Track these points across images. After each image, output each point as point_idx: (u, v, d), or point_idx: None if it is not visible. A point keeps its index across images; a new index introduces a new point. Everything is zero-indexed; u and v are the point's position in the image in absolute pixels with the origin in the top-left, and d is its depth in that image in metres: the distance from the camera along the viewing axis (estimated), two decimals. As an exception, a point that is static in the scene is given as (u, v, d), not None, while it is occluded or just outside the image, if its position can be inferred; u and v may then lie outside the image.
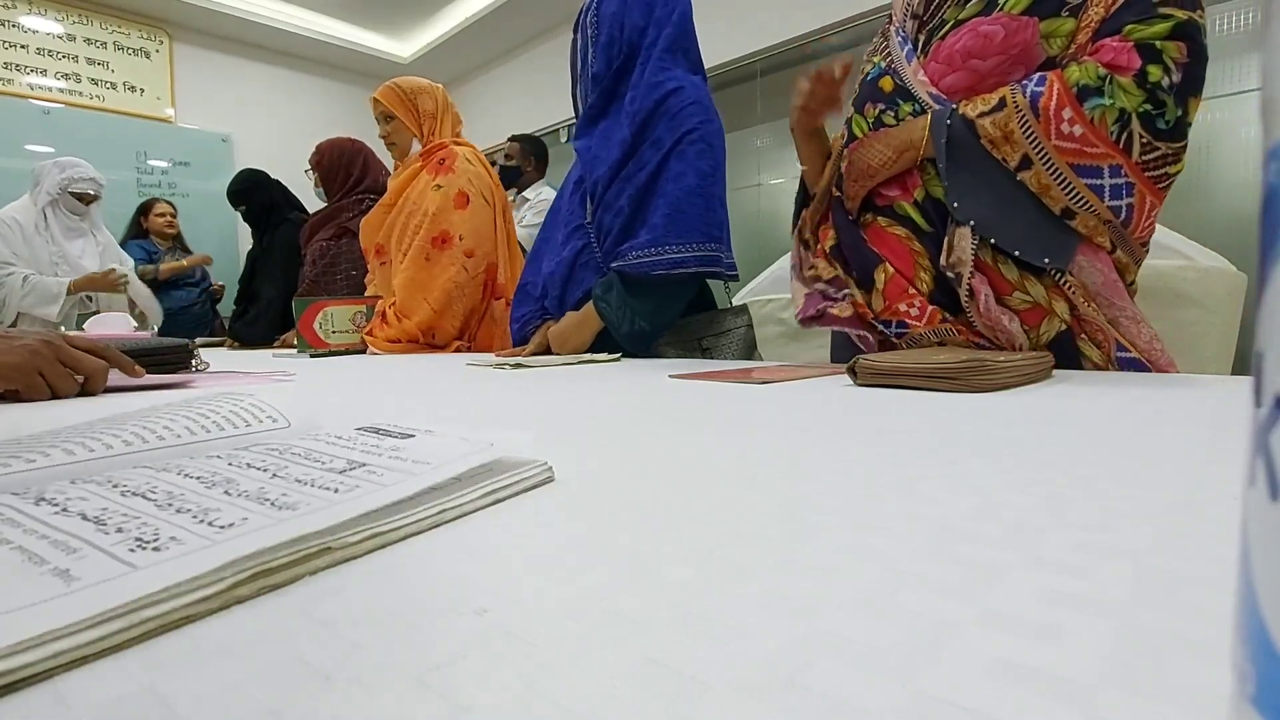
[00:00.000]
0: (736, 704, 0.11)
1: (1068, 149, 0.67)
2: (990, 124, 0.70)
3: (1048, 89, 0.68)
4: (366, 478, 0.22)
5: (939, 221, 0.77)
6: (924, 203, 0.78)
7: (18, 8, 3.65)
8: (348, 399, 0.58)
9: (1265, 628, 0.07)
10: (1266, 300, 0.07)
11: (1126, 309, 0.71)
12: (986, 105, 0.71)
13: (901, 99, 0.80)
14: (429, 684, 0.12)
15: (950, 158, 0.73)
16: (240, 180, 2.56)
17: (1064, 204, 0.68)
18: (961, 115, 0.72)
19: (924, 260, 0.79)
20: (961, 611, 0.15)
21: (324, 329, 1.49)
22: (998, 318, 0.73)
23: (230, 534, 0.17)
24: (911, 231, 0.80)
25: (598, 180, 1.09)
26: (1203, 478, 0.26)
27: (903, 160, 0.77)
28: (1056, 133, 0.67)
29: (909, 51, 0.81)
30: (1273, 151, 0.07)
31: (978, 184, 0.72)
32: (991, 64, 0.73)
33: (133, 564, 0.15)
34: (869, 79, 0.85)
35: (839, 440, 0.34)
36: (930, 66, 0.78)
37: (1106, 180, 0.67)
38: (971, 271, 0.73)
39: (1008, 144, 0.70)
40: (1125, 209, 0.68)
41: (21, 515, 0.19)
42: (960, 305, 0.76)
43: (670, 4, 1.09)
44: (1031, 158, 0.69)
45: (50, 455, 0.24)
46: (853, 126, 0.86)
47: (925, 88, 0.78)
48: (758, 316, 1.45)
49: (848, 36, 2.98)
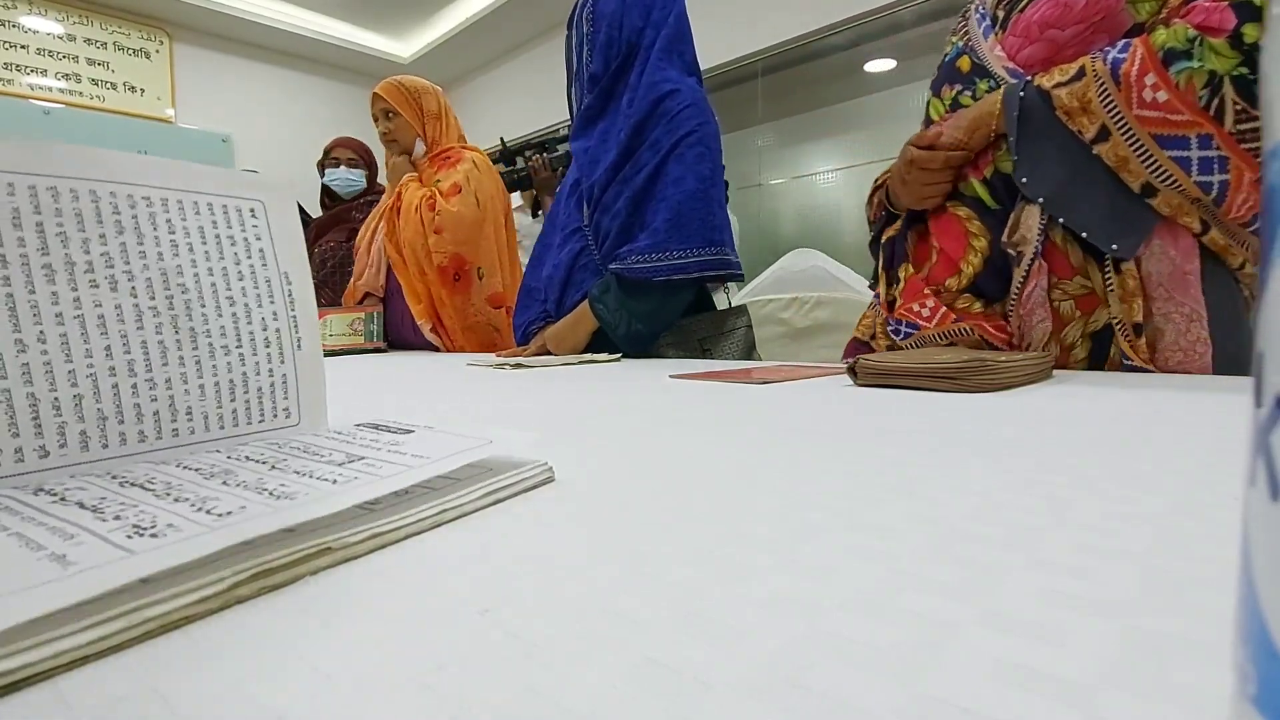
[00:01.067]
0: (737, 704, 0.11)
1: (1150, 118, 0.62)
2: (1066, 94, 0.65)
3: (1130, 54, 0.63)
4: (365, 470, 0.22)
5: (1007, 199, 0.73)
6: (992, 179, 0.74)
7: (18, 8, 3.66)
8: (348, 397, 0.58)
9: (1266, 628, 0.07)
10: (1267, 300, 0.07)
11: (1185, 305, 0.65)
12: (1064, 75, 0.66)
13: (979, 77, 0.76)
14: (430, 684, 0.12)
15: (1021, 131, 0.68)
16: None
17: (1144, 179, 0.63)
18: (1036, 86, 0.68)
19: (979, 241, 0.74)
20: (962, 612, 0.15)
21: (322, 334, 1.50)
22: (1034, 309, 0.70)
23: (228, 521, 0.17)
24: (974, 210, 0.75)
25: (595, 183, 1.09)
26: (1203, 478, 0.25)
27: (976, 139, 0.73)
28: (1138, 100, 0.62)
29: (986, 28, 0.77)
30: (1274, 151, 0.07)
31: (1049, 159, 0.67)
32: (1070, 33, 0.68)
33: (130, 549, 0.15)
34: (947, 60, 0.81)
35: (839, 440, 0.34)
36: (1007, 41, 0.74)
37: (1194, 152, 0.61)
38: (1037, 252, 0.68)
39: (1084, 114, 0.64)
40: (1217, 186, 0.61)
41: (19, 504, 0.19)
42: (1002, 292, 0.73)
43: (667, 5, 1.09)
44: (1110, 128, 0.63)
45: (66, 446, 0.24)
46: (930, 110, 0.82)
47: (1001, 63, 0.74)
48: (758, 317, 1.45)
49: (848, 36, 2.98)
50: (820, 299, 1.56)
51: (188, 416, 0.28)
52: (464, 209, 1.50)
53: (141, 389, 0.28)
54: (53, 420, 0.24)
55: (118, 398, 0.26)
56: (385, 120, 1.60)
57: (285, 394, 0.32)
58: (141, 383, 0.27)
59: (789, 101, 3.19)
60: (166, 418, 0.28)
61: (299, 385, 0.32)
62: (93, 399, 0.25)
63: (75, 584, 0.14)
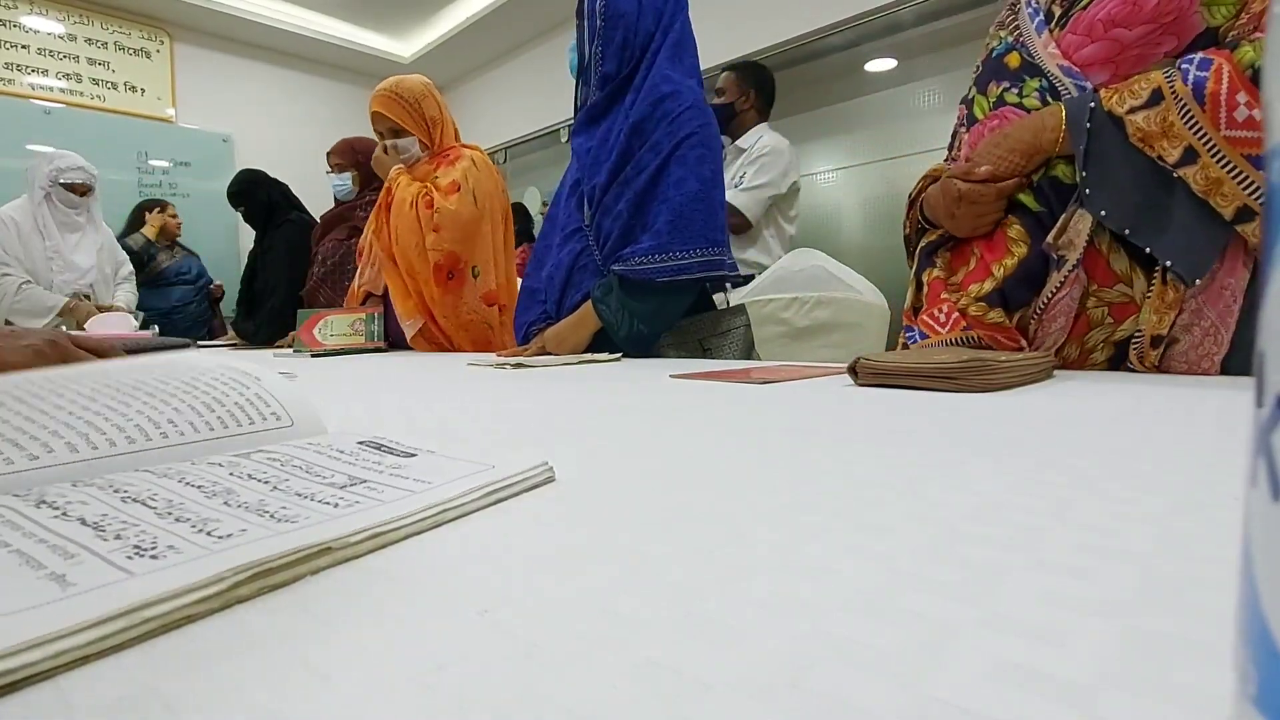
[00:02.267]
0: (738, 705, 0.11)
1: (1241, 139, 0.58)
2: (1143, 119, 0.61)
3: (1214, 73, 0.58)
4: (366, 494, 0.22)
5: (1056, 202, 0.70)
6: (1040, 183, 0.71)
7: (19, 8, 3.66)
8: (348, 398, 0.58)
9: (1267, 628, 0.07)
10: (1269, 300, 0.07)
11: (1210, 317, 0.64)
12: (1137, 99, 0.62)
13: (1028, 75, 0.72)
14: (430, 684, 0.12)
15: (1090, 160, 0.65)
16: (239, 181, 2.55)
17: (1240, 202, 0.59)
18: (1107, 111, 0.64)
19: (1019, 246, 0.71)
20: (963, 613, 0.15)
21: (323, 334, 1.50)
22: (1056, 316, 0.68)
23: (228, 544, 0.17)
24: (1016, 215, 0.72)
25: (596, 185, 1.09)
26: (1204, 478, 0.25)
27: (1031, 164, 0.70)
28: (1228, 121, 0.58)
29: (1040, 24, 0.73)
30: (1275, 151, 0.07)
31: (1125, 188, 0.64)
32: (1137, 33, 0.64)
33: (130, 571, 0.15)
34: (995, 55, 0.77)
35: (840, 440, 0.34)
36: (1066, 39, 0.70)
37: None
38: (1078, 261, 0.66)
39: (1165, 138, 0.61)
40: None
41: (21, 518, 0.19)
42: (1029, 297, 0.71)
43: (674, 9, 1.09)
44: (1197, 149, 0.59)
45: (54, 450, 0.24)
46: (974, 107, 0.79)
47: (1055, 60, 0.70)
48: (758, 316, 1.45)
49: (848, 36, 2.98)
50: (820, 299, 1.56)
51: (173, 425, 0.28)
52: (462, 207, 1.49)
53: (131, 405, 0.28)
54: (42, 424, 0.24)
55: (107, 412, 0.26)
56: (390, 137, 1.56)
57: (267, 404, 0.32)
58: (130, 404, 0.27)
59: (789, 101, 3.19)
60: (158, 420, 0.28)
61: (278, 397, 0.33)
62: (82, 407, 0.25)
63: (74, 605, 0.14)
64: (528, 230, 3.45)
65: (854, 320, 1.55)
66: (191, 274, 3.29)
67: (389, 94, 1.54)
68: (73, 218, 2.47)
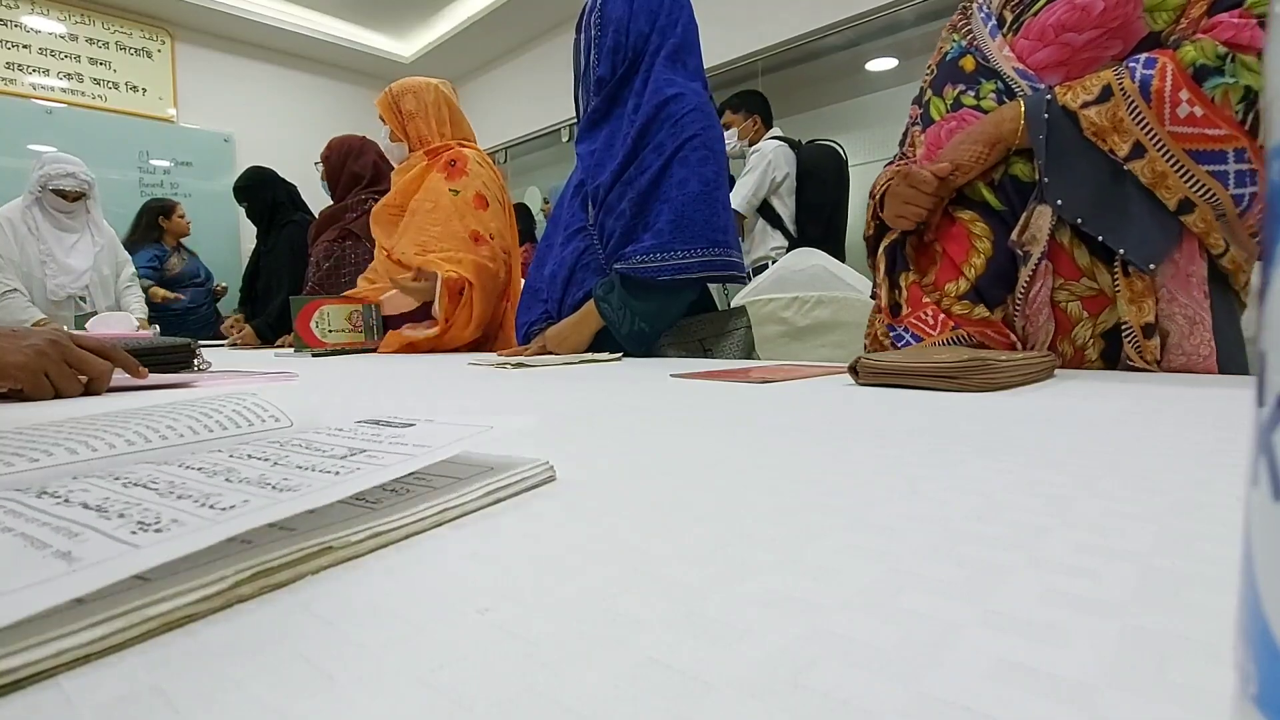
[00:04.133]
0: (739, 704, 0.11)
1: (1185, 134, 0.62)
2: (1096, 113, 0.65)
3: (1159, 71, 0.62)
4: (367, 461, 0.22)
5: (1016, 200, 0.73)
6: (1001, 182, 0.74)
7: (20, 8, 3.66)
8: (349, 398, 0.58)
9: (1268, 628, 0.07)
10: (1270, 300, 0.07)
11: (1189, 307, 0.66)
12: (1089, 94, 0.65)
13: (984, 77, 0.76)
14: (431, 683, 0.12)
15: (1049, 152, 0.68)
16: (245, 177, 2.55)
17: (1182, 194, 0.63)
18: (1061, 106, 0.67)
19: (983, 242, 0.74)
20: (964, 612, 0.15)
21: (320, 328, 1.49)
22: (1039, 309, 0.70)
23: (232, 514, 0.17)
24: (978, 213, 0.75)
25: (600, 185, 1.10)
26: (1205, 478, 0.25)
27: (995, 154, 0.73)
28: (1172, 117, 0.62)
29: (993, 28, 0.77)
30: (1276, 150, 0.07)
31: (1081, 180, 0.67)
32: (1086, 38, 0.69)
33: (135, 544, 0.15)
34: (949, 58, 0.81)
35: (840, 440, 0.34)
36: (1019, 43, 0.74)
37: (1231, 166, 0.61)
38: (1042, 254, 0.69)
39: (1116, 133, 0.64)
40: (1248, 198, 0.62)
41: (24, 507, 0.19)
42: (1005, 294, 0.73)
43: (674, 11, 1.09)
44: (1144, 144, 0.63)
45: (53, 454, 0.24)
46: (929, 109, 0.82)
47: (1011, 63, 0.74)
48: (758, 316, 1.45)
49: (848, 36, 2.98)
50: (821, 298, 1.56)
51: (172, 429, 0.28)
52: (502, 224, 1.53)
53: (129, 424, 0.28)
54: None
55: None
56: (385, 128, 1.60)
57: (265, 408, 0.32)
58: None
59: (789, 101, 3.19)
60: (157, 427, 0.28)
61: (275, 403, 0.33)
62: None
63: (80, 579, 0.14)
64: (530, 230, 3.45)
65: (854, 320, 1.55)
66: (200, 276, 3.29)
67: (384, 98, 1.58)
68: (66, 221, 2.46)
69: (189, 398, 0.34)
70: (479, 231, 1.49)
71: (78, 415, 0.30)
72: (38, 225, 2.39)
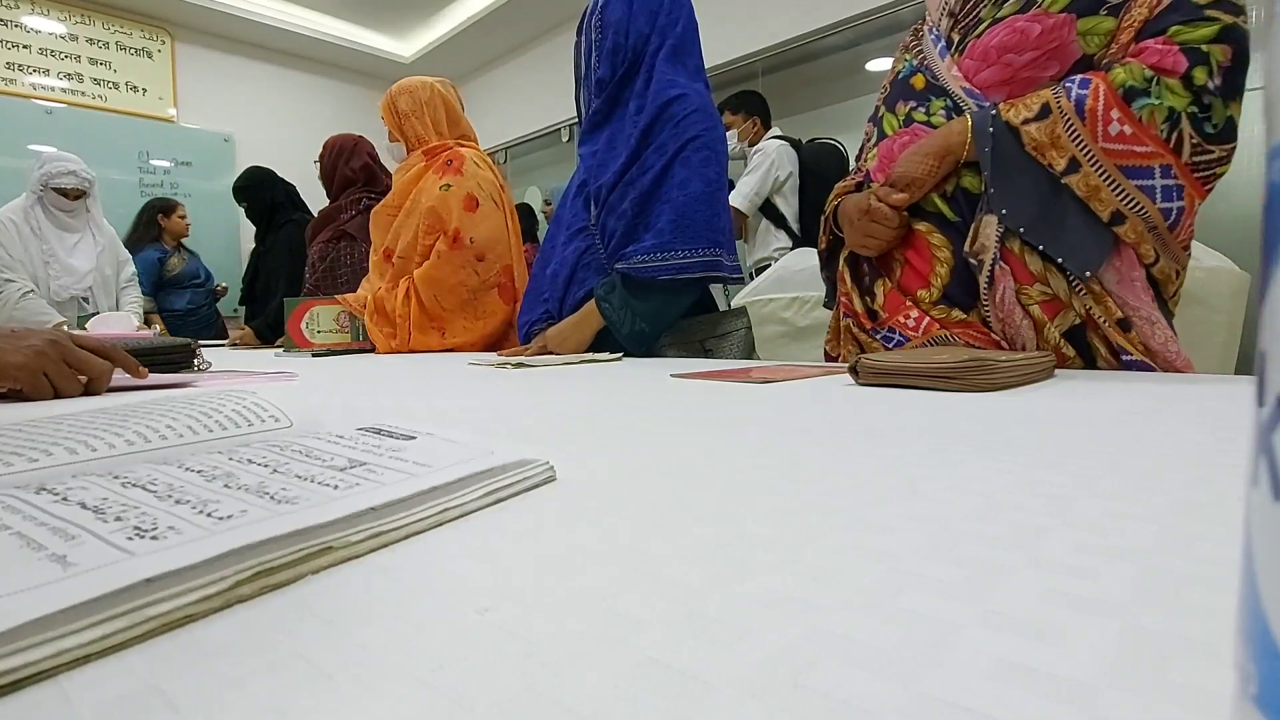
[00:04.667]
0: (738, 704, 0.11)
1: (1116, 150, 0.66)
2: (1036, 130, 0.69)
3: (1092, 91, 0.67)
4: (366, 476, 0.22)
5: (967, 211, 0.77)
6: (954, 194, 0.77)
7: (20, 8, 3.66)
8: (348, 398, 0.58)
9: (1268, 627, 0.07)
10: (1270, 300, 0.07)
11: (1141, 309, 0.70)
12: (1030, 112, 0.70)
13: (934, 95, 0.80)
14: (431, 683, 0.12)
15: (994, 165, 0.72)
16: (244, 177, 2.55)
17: (1114, 207, 0.67)
18: (1005, 122, 0.71)
19: (943, 252, 0.78)
20: (964, 612, 0.15)
21: (310, 329, 1.50)
22: (1012, 310, 0.73)
23: (229, 525, 0.17)
24: (934, 224, 0.79)
25: (602, 185, 1.10)
26: (1205, 478, 0.25)
27: (945, 166, 0.77)
28: (1104, 134, 0.66)
29: (942, 48, 0.81)
30: (1275, 150, 0.07)
31: (1024, 191, 0.71)
32: (1026, 59, 0.73)
33: (130, 551, 0.15)
34: (901, 77, 0.85)
35: (840, 440, 0.34)
36: (965, 63, 0.78)
37: (1158, 181, 0.66)
38: (995, 259, 0.72)
39: (1054, 149, 0.69)
40: (1175, 212, 0.66)
41: (21, 503, 0.19)
42: (973, 300, 0.76)
43: (674, 11, 1.09)
44: (1079, 160, 0.68)
45: (53, 454, 0.24)
46: (883, 124, 0.86)
47: (959, 83, 0.78)
48: (758, 316, 1.45)
49: (848, 36, 2.98)
50: (821, 298, 1.56)
51: (171, 429, 0.28)
52: (491, 226, 1.52)
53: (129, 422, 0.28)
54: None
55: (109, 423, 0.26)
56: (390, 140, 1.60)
57: (265, 408, 0.32)
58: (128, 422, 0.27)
59: (789, 101, 3.19)
60: (157, 426, 0.28)
61: (275, 402, 0.33)
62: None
63: (75, 585, 0.14)
64: (531, 230, 3.45)
65: (855, 320, 1.55)
66: (200, 277, 3.29)
67: (384, 101, 1.58)
68: (68, 220, 2.45)
69: (189, 394, 0.34)
70: (459, 231, 1.48)
71: (77, 411, 0.30)
72: (40, 226, 2.39)
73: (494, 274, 1.52)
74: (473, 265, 1.49)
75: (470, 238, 1.48)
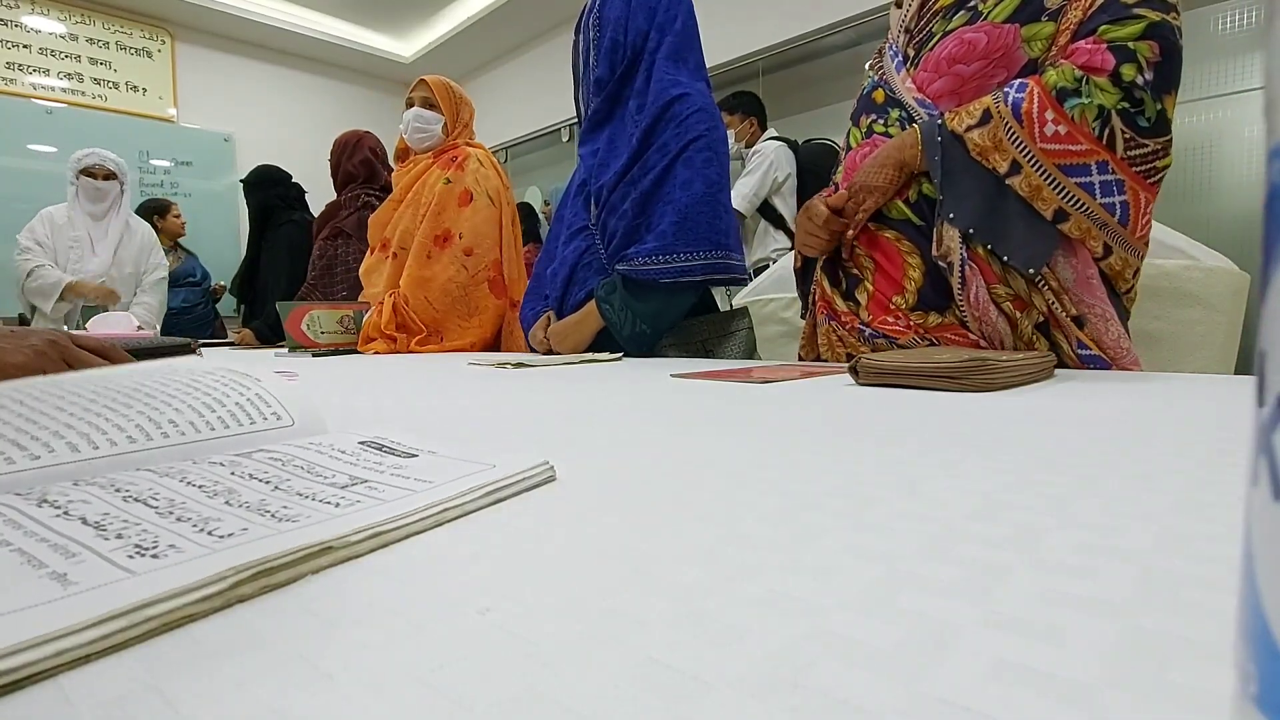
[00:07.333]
0: (738, 704, 0.11)
1: (1053, 150, 0.69)
2: (979, 135, 0.72)
3: (1028, 95, 0.70)
4: (367, 494, 0.22)
5: (930, 216, 0.79)
6: (917, 201, 0.80)
7: (20, 8, 3.66)
8: (348, 398, 0.58)
9: (1268, 628, 0.07)
10: (1270, 300, 0.07)
11: (1096, 306, 0.72)
12: (973, 119, 0.73)
13: (891, 107, 0.84)
14: (431, 683, 0.12)
15: (943, 172, 0.75)
16: (252, 174, 2.57)
17: (1056, 205, 0.69)
18: (950, 130, 0.75)
19: (914, 257, 0.81)
20: (963, 612, 0.15)
21: (312, 330, 1.50)
22: (986, 308, 0.74)
23: (229, 544, 0.17)
24: (901, 232, 0.82)
25: (603, 185, 1.09)
26: (1205, 478, 0.25)
27: (902, 175, 0.80)
28: (1040, 135, 0.69)
29: (899, 63, 0.86)
30: (1275, 150, 0.07)
31: (970, 194, 0.74)
32: (975, 68, 0.76)
33: (131, 570, 0.15)
34: (865, 92, 0.91)
35: (840, 440, 0.34)
36: (919, 75, 0.82)
37: (1095, 178, 0.68)
38: (963, 260, 0.74)
39: (997, 152, 0.71)
40: (1119, 207, 0.68)
41: (23, 517, 0.19)
42: (948, 302, 0.78)
43: (673, 9, 1.09)
44: (1020, 162, 0.70)
45: (55, 450, 0.24)
46: (849, 137, 0.91)
47: (911, 94, 0.82)
48: (759, 316, 1.45)
49: (847, 36, 2.98)
50: (821, 298, 1.56)
51: (174, 425, 0.28)
52: (481, 220, 1.52)
53: (132, 407, 0.28)
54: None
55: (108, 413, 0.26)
56: (421, 106, 1.59)
57: (268, 404, 0.32)
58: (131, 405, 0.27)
59: (789, 101, 3.19)
60: (159, 421, 0.28)
61: (278, 397, 0.33)
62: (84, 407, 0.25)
63: (75, 604, 0.14)
64: (533, 230, 3.45)
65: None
66: (197, 276, 3.29)
67: (445, 83, 1.61)
68: (96, 209, 2.51)
69: (192, 370, 0.34)
70: (449, 230, 1.49)
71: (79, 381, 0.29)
72: (74, 215, 2.47)
73: (483, 268, 1.52)
74: (461, 260, 1.50)
75: (459, 233, 1.49)
